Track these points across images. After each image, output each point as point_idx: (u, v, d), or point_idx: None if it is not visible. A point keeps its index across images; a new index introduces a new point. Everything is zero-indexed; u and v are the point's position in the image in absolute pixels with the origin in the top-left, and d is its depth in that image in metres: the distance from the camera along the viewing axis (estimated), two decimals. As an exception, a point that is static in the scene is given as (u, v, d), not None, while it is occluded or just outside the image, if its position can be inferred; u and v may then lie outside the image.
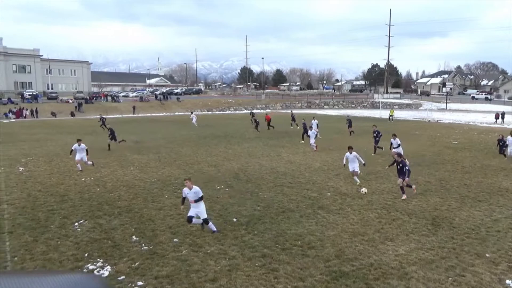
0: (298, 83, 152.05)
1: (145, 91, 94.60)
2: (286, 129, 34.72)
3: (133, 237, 9.44)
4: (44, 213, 11.41)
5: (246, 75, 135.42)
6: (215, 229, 9.66)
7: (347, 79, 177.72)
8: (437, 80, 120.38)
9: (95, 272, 7.64)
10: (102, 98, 77.64)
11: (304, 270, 7.57)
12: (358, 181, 14.32)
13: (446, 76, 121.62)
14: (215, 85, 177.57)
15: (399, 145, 18.54)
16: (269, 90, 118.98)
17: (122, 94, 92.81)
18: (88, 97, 74.15)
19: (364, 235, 9.40)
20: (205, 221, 9.63)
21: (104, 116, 37.76)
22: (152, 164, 18.94)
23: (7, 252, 8.65)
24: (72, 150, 17.45)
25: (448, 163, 18.76)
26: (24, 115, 55.47)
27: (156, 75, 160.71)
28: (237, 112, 64.54)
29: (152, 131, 34.65)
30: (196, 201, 9.50)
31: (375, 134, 21.71)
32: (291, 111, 46.05)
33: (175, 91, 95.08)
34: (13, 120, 52.49)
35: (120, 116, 56.91)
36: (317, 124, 28.63)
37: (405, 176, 12.40)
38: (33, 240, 9.32)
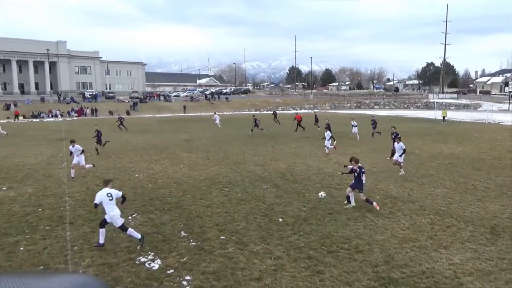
0: (347, 83, 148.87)
1: (195, 91, 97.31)
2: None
3: (182, 232, 9.75)
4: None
5: (294, 74, 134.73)
6: (138, 236, 8.82)
7: (399, 78, 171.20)
8: (499, 79, 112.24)
9: (146, 264, 8.00)
10: (155, 97, 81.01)
11: (351, 275, 7.41)
12: (353, 203, 11.61)
13: (509, 74, 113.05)
14: (263, 85, 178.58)
15: (404, 150, 15.93)
16: (318, 90, 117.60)
17: (173, 94, 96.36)
18: (142, 97, 77.67)
19: (416, 241, 9.01)
20: (122, 229, 8.92)
21: (122, 116, 38.26)
22: (201, 162, 19.44)
23: (68, 241, 9.31)
24: (71, 152, 16.55)
25: (509, 168, 17.47)
26: (85, 114, 59.37)
27: (206, 75, 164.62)
28: (285, 112, 64.38)
29: (201, 130, 35.58)
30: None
31: (393, 136, 19.58)
32: (314, 112, 44.99)
33: (224, 91, 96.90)
34: (75, 118, 56.34)
35: (172, 115, 59.03)
36: (356, 125, 27.90)
37: (361, 186, 11.39)
38: (91, 231, 9.95)
